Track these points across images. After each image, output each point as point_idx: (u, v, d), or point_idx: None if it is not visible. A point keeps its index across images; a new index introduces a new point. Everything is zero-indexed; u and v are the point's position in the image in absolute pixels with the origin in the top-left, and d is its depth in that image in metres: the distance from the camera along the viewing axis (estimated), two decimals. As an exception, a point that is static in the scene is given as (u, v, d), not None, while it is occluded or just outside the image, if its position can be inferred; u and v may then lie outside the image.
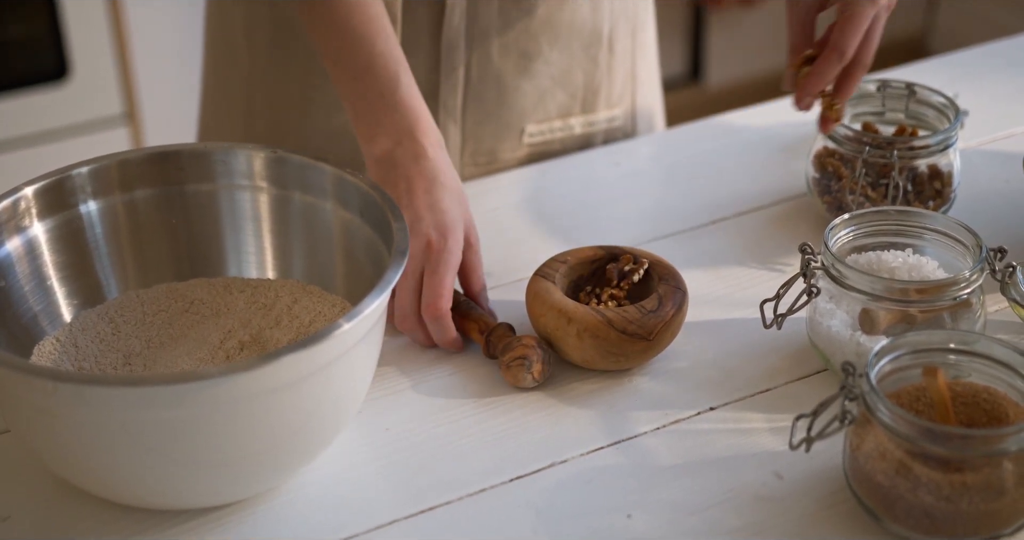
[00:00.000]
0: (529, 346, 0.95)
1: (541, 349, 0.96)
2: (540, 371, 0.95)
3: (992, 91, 1.35)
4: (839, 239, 0.98)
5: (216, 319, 0.96)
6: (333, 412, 0.85)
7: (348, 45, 1.00)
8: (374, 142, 1.00)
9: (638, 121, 1.32)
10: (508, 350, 0.96)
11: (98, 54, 2.18)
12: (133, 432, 0.78)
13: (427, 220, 0.97)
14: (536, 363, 0.95)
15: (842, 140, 1.10)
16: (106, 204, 0.95)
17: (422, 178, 0.98)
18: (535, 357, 0.95)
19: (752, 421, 0.94)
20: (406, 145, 0.99)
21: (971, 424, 0.85)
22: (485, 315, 1.00)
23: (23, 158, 2.18)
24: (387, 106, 1.00)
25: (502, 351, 0.96)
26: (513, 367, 0.95)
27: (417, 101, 1.01)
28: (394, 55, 1.01)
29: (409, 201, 0.98)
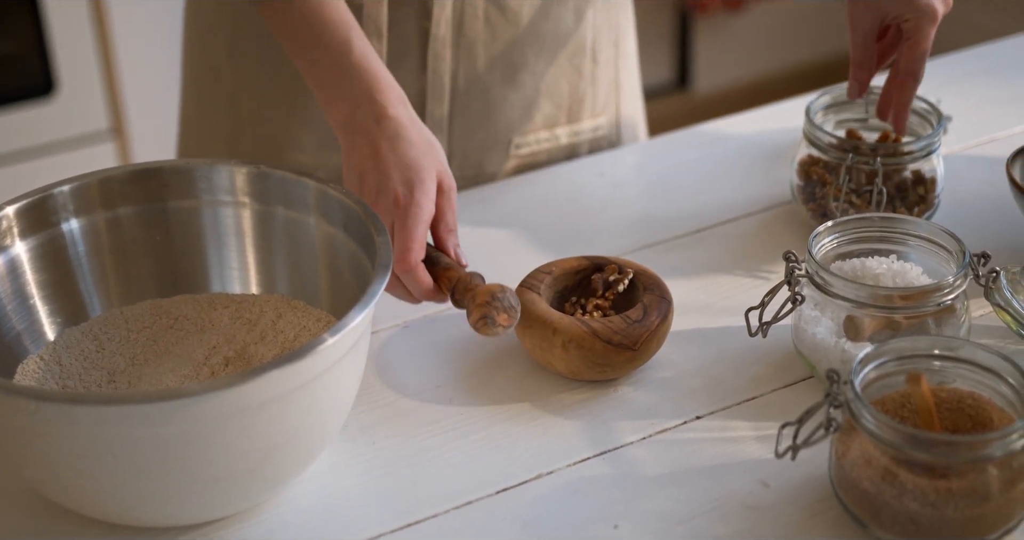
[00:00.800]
0: (485, 303, 0.92)
1: (500, 298, 0.93)
2: (506, 319, 0.93)
3: (975, 96, 1.35)
4: (823, 246, 0.98)
5: (200, 335, 0.96)
6: (319, 427, 0.85)
7: (298, 19, 1.00)
8: (335, 110, 1.00)
9: (622, 130, 1.32)
10: (470, 311, 0.94)
11: (84, 69, 2.18)
12: (117, 450, 0.78)
13: (394, 177, 0.96)
14: (500, 314, 0.92)
15: (826, 147, 1.10)
16: (88, 222, 0.95)
17: (385, 138, 0.97)
18: (495, 311, 0.92)
19: (738, 430, 0.94)
20: (365, 108, 0.98)
21: (956, 430, 0.85)
22: (453, 266, 0.97)
23: (10, 174, 2.18)
24: (342, 72, 0.99)
25: (467, 312, 0.95)
26: (480, 326, 0.93)
27: (372, 62, 1.00)
28: (344, 20, 1.01)
29: (374, 163, 0.97)
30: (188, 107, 1.29)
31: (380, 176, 0.96)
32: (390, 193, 0.96)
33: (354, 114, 0.98)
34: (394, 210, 0.96)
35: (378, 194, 0.96)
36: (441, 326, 1.04)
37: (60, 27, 2.14)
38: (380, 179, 0.96)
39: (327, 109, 1.01)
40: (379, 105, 0.98)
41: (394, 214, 0.96)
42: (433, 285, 0.97)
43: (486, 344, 1.02)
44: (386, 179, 0.96)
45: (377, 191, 0.96)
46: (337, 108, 1.00)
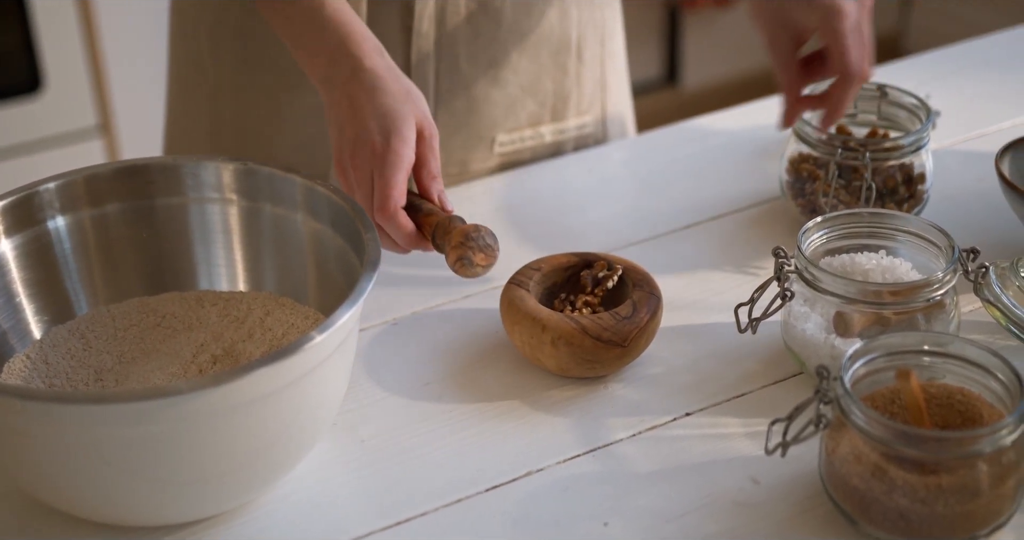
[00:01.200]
0: (460, 244, 0.94)
1: (474, 237, 0.94)
2: (483, 258, 0.95)
3: (963, 91, 1.35)
4: (812, 242, 0.98)
5: (188, 333, 0.95)
6: (307, 425, 0.85)
7: None
8: (313, 65, 1.00)
9: (608, 128, 1.31)
10: (447, 255, 0.95)
11: (72, 66, 2.17)
12: (104, 449, 0.78)
13: (370, 127, 0.96)
14: (476, 254, 0.94)
15: (815, 143, 1.10)
16: (74, 219, 0.95)
17: (362, 90, 0.97)
18: (471, 251, 0.94)
19: (728, 426, 0.93)
20: (341, 61, 0.98)
21: (946, 426, 0.85)
22: (435, 212, 0.98)
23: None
24: (316, 27, 0.99)
25: (445, 255, 0.96)
26: (457, 268, 0.95)
27: (346, 15, 1.00)
28: None
29: (352, 114, 0.97)
30: (173, 103, 1.29)
31: (358, 127, 0.96)
32: (367, 143, 0.96)
33: (331, 68, 0.98)
34: (372, 160, 0.96)
35: (356, 145, 0.96)
36: (429, 323, 1.04)
37: (47, 24, 2.13)
38: (358, 130, 0.96)
39: (306, 67, 1.00)
40: (354, 57, 0.98)
41: (372, 163, 0.96)
42: (416, 231, 0.98)
43: (475, 343, 1.01)
44: (363, 130, 0.96)
45: (355, 142, 0.96)
46: (315, 64, 1.00)
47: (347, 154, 0.97)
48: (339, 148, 0.98)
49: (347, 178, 0.99)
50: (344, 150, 0.98)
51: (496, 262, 0.97)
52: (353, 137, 0.97)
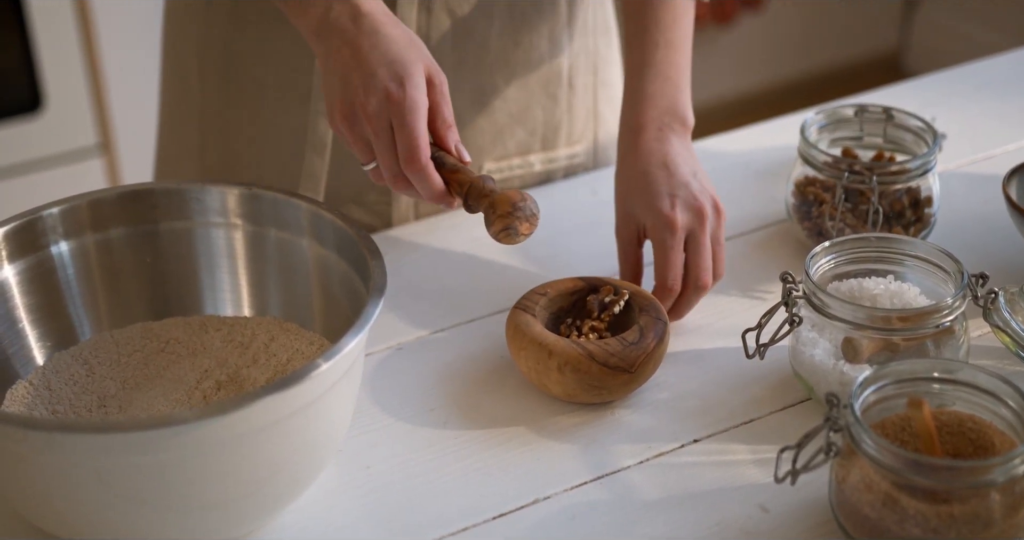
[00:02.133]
0: (508, 213, 0.90)
1: (521, 207, 0.91)
2: (528, 228, 0.91)
3: (968, 113, 1.35)
4: (820, 267, 0.98)
5: (192, 358, 0.94)
6: (313, 453, 0.84)
7: None
8: (306, 17, 0.95)
9: (599, 157, 1.30)
10: (491, 222, 0.91)
11: (72, 85, 2.17)
12: (107, 479, 0.77)
13: (380, 74, 0.91)
14: (522, 224, 0.91)
15: (822, 166, 1.10)
16: (78, 244, 0.94)
17: (364, 36, 0.92)
18: (518, 221, 0.91)
19: (736, 453, 0.93)
20: (337, 8, 0.94)
21: (957, 454, 0.84)
22: (460, 168, 0.94)
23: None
24: None
25: (486, 221, 0.92)
26: (501, 237, 0.91)
27: None
28: None
29: (357, 63, 0.92)
30: (163, 123, 1.28)
31: (365, 75, 0.91)
32: (379, 91, 0.91)
33: (327, 16, 0.94)
34: (388, 107, 0.91)
35: (367, 94, 0.91)
36: (434, 347, 1.03)
37: (47, 43, 2.13)
38: (365, 78, 0.91)
39: (298, 21, 0.96)
40: (351, 3, 0.94)
41: (388, 111, 0.91)
42: (443, 187, 0.93)
43: (481, 368, 1.01)
44: (372, 77, 0.91)
45: (365, 91, 0.91)
46: (308, 15, 0.95)
47: (357, 103, 0.92)
48: (344, 98, 0.92)
49: (354, 129, 0.93)
50: (351, 99, 0.92)
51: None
52: (361, 85, 0.91)
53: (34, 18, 2.10)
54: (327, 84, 0.94)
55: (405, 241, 1.16)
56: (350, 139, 0.94)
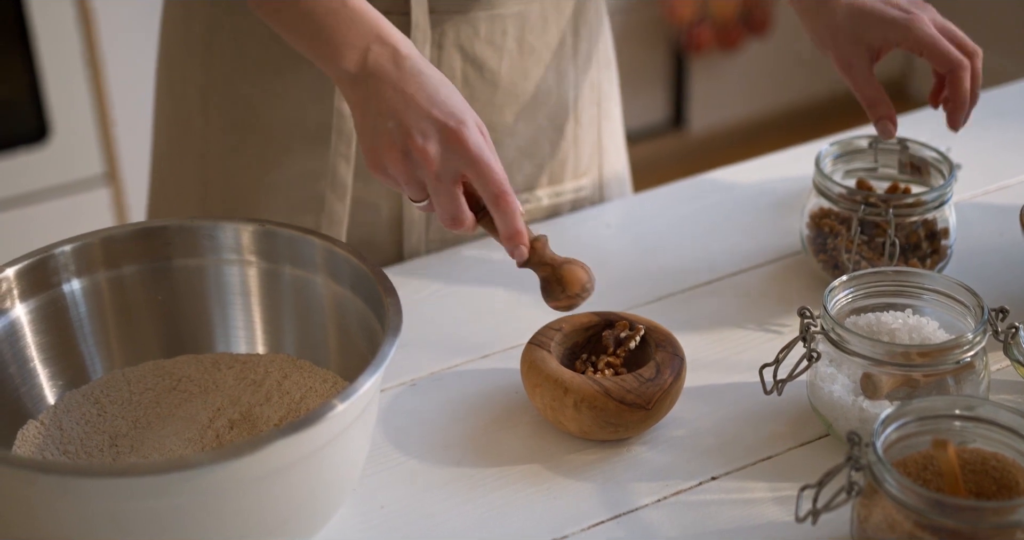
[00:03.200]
0: (576, 295, 0.93)
1: (588, 289, 0.93)
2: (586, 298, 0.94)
3: (983, 141, 1.34)
4: (837, 301, 0.97)
5: (204, 397, 0.93)
6: (328, 494, 0.83)
7: None
8: (341, 61, 0.91)
9: (606, 190, 1.29)
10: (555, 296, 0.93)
11: (78, 115, 2.17)
12: (120, 522, 0.76)
13: (434, 115, 0.89)
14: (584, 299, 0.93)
15: (837, 198, 1.09)
16: (90, 282, 0.93)
17: (410, 78, 0.90)
18: (581, 300, 0.93)
19: (755, 491, 0.92)
20: (378, 50, 0.91)
21: (980, 493, 0.83)
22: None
23: (3, 221, 2.16)
24: (342, 19, 0.92)
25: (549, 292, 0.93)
26: (559, 309, 0.94)
27: (371, 8, 0.93)
28: None
29: (406, 104, 0.89)
30: (160, 163, 1.26)
31: (418, 117, 0.89)
32: (437, 132, 0.89)
33: (365, 59, 0.91)
34: (451, 147, 0.89)
35: (425, 137, 0.89)
36: (448, 383, 1.02)
37: (54, 73, 2.13)
38: (419, 120, 0.89)
39: (330, 64, 0.92)
40: (392, 47, 0.91)
41: (454, 152, 0.89)
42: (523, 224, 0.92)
43: (495, 405, 1.00)
44: (424, 118, 0.89)
45: (422, 134, 0.89)
46: (343, 57, 0.91)
47: (412, 145, 0.89)
48: (392, 140, 0.89)
49: (406, 171, 0.90)
50: (403, 141, 0.89)
51: None
52: (416, 126, 0.88)
53: (40, 48, 2.10)
54: (368, 127, 0.91)
55: (419, 274, 1.15)
56: (402, 181, 0.91)
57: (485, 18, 1.13)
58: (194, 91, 1.18)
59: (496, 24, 1.14)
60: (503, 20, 1.14)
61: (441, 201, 0.91)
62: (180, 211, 1.22)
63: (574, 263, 0.93)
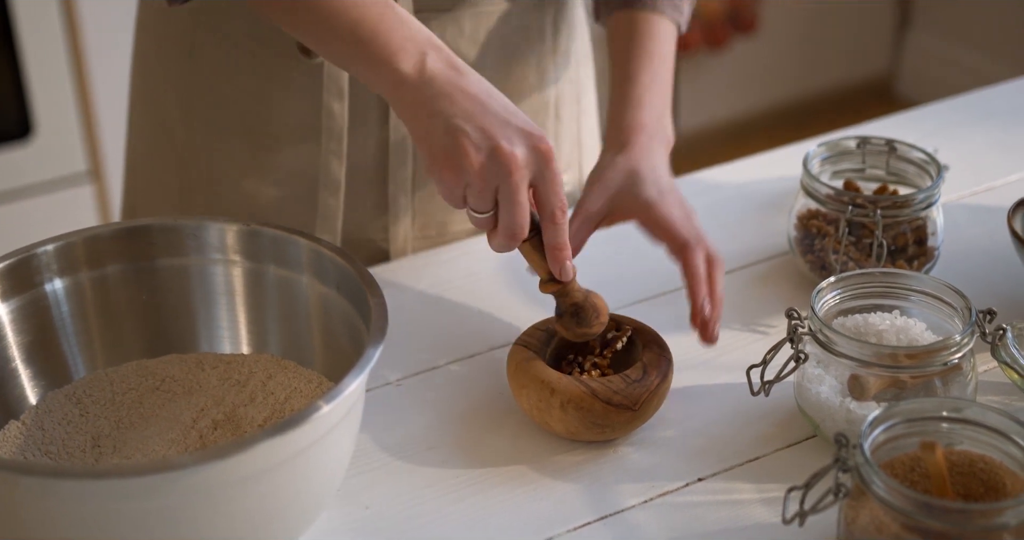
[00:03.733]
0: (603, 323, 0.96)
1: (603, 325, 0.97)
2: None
3: (970, 143, 1.34)
4: (825, 302, 0.96)
5: (188, 397, 0.93)
6: (312, 496, 0.82)
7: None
8: (397, 64, 0.88)
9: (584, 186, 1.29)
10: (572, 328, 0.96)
11: (62, 112, 2.16)
12: (103, 524, 0.75)
13: (514, 122, 0.88)
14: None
15: (824, 199, 1.09)
16: (73, 282, 0.93)
17: (474, 84, 0.89)
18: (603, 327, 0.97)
19: (742, 492, 0.91)
20: (435, 54, 0.89)
21: (968, 495, 0.83)
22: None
23: (-12, 218, 2.15)
24: (395, 21, 0.89)
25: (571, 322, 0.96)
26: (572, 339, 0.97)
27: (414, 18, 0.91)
28: None
29: (483, 110, 0.87)
30: (136, 165, 1.25)
31: (499, 121, 0.87)
32: (523, 138, 0.88)
33: (425, 64, 0.88)
34: (539, 156, 0.88)
35: (510, 142, 0.87)
36: (434, 383, 1.02)
37: (37, 70, 2.12)
38: (501, 125, 0.87)
39: (382, 68, 0.89)
40: (446, 52, 0.89)
41: (536, 160, 0.88)
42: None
43: (481, 405, 0.99)
44: (507, 125, 0.88)
45: (507, 138, 0.87)
46: (400, 63, 0.88)
47: (498, 148, 0.87)
48: (471, 144, 0.87)
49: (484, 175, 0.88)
50: (489, 143, 0.87)
51: None
52: (503, 133, 0.87)
53: (25, 45, 2.09)
54: (436, 130, 0.88)
55: (405, 274, 1.15)
56: (477, 187, 0.88)
57: (470, 15, 1.13)
58: (172, 94, 1.16)
59: (481, 22, 1.13)
60: (488, 17, 1.14)
61: (514, 210, 0.89)
62: (159, 213, 1.21)
63: (594, 293, 0.97)
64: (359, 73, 0.92)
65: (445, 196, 0.90)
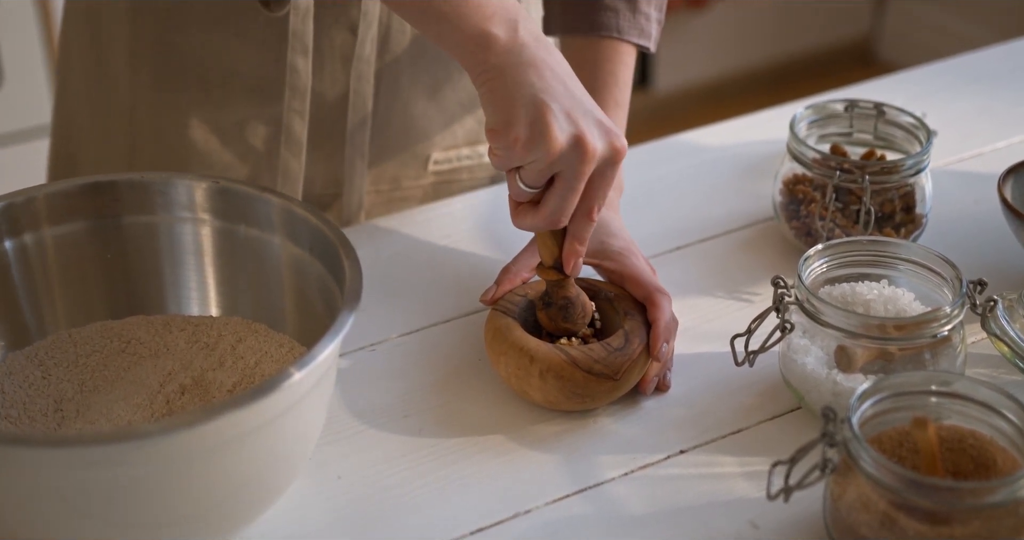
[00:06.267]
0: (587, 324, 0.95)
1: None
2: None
3: (957, 108, 1.31)
4: (812, 271, 0.94)
5: (155, 360, 0.89)
6: (283, 465, 0.79)
7: None
8: (489, 27, 0.86)
9: None
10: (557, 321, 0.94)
11: (30, 63, 2.12)
12: (66, 495, 0.72)
13: (594, 114, 0.87)
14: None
15: (811, 164, 1.06)
16: (34, 239, 0.89)
17: (561, 63, 0.88)
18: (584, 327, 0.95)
19: (724, 465, 0.89)
20: (523, 25, 0.87)
21: (957, 472, 0.81)
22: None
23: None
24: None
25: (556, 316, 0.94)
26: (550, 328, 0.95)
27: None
28: None
29: (569, 93, 0.86)
30: (72, 117, 1.19)
31: (580, 108, 0.86)
32: (606, 138, 0.87)
33: (517, 36, 0.86)
34: (614, 158, 0.87)
35: (594, 137, 0.86)
36: (410, 349, 0.99)
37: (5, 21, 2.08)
38: (581, 112, 0.86)
39: (472, 30, 0.86)
40: (533, 25, 0.88)
41: (611, 163, 0.88)
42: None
43: (458, 372, 0.96)
44: (588, 115, 0.87)
45: (591, 133, 0.86)
46: (493, 24, 0.86)
47: (583, 141, 0.86)
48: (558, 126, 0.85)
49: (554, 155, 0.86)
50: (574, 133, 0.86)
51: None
52: (588, 128, 0.86)
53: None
54: (522, 98, 0.86)
55: (381, 235, 1.12)
56: (545, 161, 0.86)
57: None
58: (120, 48, 1.12)
59: None
60: None
61: (569, 198, 0.88)
62: (103, 167, 1.16)
63: (584, 294, 0.95)
64: (440, 33, 0.88)
65: (498, 162, 0.88)
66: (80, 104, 1.18)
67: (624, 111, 1.07)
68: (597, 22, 1.06)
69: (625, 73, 1.07)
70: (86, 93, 1.17)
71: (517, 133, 0.86)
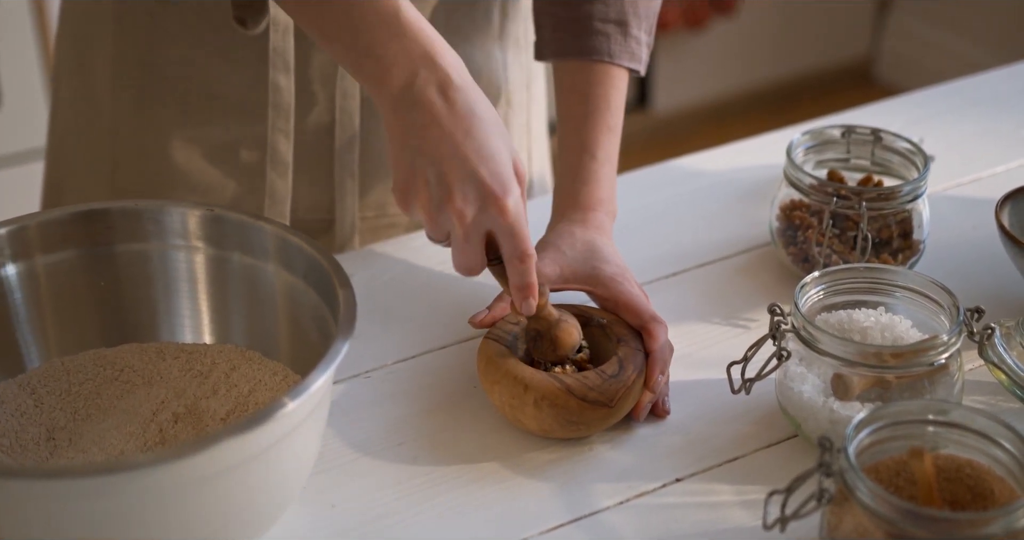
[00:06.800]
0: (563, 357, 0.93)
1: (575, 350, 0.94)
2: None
3: (955, 132, 1.31)
4: (809, 298, 0.93)
5: (148, 388, 0.89)
6: (276, 495, 0.79)
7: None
8: (386, 80, 0.84)
9: (531, 172, 1.26)
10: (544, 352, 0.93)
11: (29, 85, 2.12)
12: (56, 526, 0.72)
13: (482, 172, 0.84)
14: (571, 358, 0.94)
15: (808, 190, 1.06)
16: (26, 267, 0.89)
17: (457, 117, 0.84)
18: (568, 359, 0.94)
19: (721, 494, 0.88)
20: (425, 74, 0.84)
21: (954, 502, 0.80)
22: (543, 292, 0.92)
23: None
24: (392, 33, 0.84)
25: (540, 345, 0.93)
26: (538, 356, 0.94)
27: (425, 24, 0.86)
28: None
29: (452, 153, 0.84)
30: (61, 134, 1.19)
31: (463, 172, 0.84)
32: (482, 196, 0.85)
33: (412, 83, 0.84)
34: (494, 213, 0.86)
35: (464, 199, 0.85)
36: (404, 376, 0.98)
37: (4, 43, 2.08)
38: (464, 177, 0.84)
39: (374, 84, 0.86)
40: (442, 71, 0.84)
41: (495, 218, 0.86)
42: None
43: (453, 400, 0.96)
44: (471, 178, 0.84)
45: (463, 193, 0.85)
46: (390, 79, 0.85)
47: (449, 202, 0.85)
48: (430, 191, 0.85)
49: (436, 219, 0.87)
50: (441, 194, 0.85)
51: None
52: (459, 186, 0.85)
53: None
54: (404, 161, 0.86)
55: (376, 261, 1.11)
56: (427, 226, 0.88)
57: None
58: (103, 66, 1.11)
59: (424, 2, 1.09)
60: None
61: (464, 254, 0.88)
62: (87, 192, 1.15)
63: (568, 322, 0.93)
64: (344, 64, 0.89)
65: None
66: (68, 129, 1.18)
67: (616, 136, 1.07)
68: (588, 46, 1.06)
69: (617, 97, 1.07)
70: (73, 118, 1.17)
71: (400, 196, 0.87)
